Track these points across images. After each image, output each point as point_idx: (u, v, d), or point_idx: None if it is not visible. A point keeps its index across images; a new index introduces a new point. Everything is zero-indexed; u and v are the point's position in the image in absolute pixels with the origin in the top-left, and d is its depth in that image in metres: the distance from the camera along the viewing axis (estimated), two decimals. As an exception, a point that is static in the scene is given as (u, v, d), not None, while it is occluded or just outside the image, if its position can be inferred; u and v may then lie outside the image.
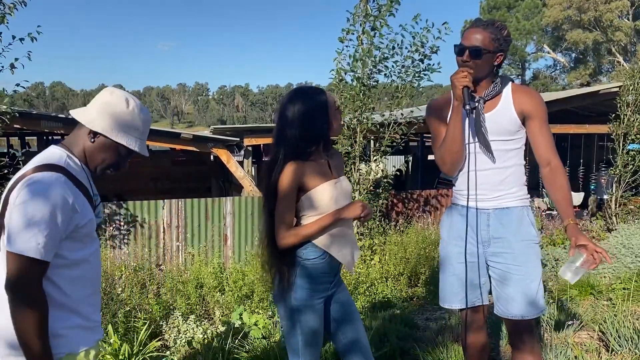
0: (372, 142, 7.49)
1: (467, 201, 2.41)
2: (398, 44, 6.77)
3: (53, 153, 1.72)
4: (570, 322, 3.84)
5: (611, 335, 3.61)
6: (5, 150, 16.77)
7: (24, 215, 1.56)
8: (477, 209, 2.44)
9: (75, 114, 1.77)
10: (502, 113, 2.39)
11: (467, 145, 2.43)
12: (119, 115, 1.76)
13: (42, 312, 1.59)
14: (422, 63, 6.94)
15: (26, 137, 17.11)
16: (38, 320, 1.58)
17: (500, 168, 2.41)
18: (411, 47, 6.83)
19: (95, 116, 1.75)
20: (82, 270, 1.74)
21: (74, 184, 1.68)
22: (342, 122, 2.36)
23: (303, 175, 2.17)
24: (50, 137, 15.49)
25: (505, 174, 2.41)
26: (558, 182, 2.39)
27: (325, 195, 2.21)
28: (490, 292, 2.54)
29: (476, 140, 2.41)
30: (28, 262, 1.56)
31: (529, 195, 2.50)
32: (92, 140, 1.76)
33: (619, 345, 3.53)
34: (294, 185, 2.16)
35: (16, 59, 4.77)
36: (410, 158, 16.44)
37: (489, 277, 2.50)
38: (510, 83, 2.45)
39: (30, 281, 1.58)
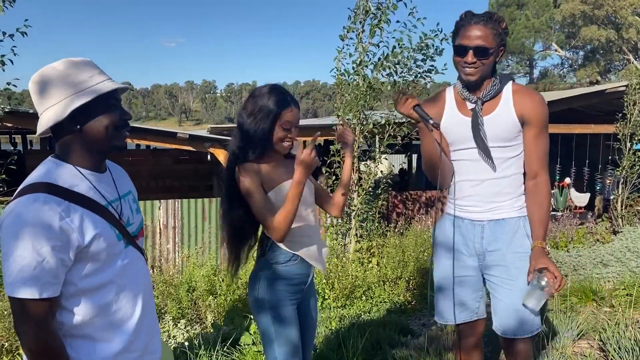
0: (371, 142, 7.34)
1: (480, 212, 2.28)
2: (400, 44, 6.61)
3: (37, 169, 1.48)
4: (568, 333, 3.70)
5: (611, 346, 3.46)
6: (11, 148, 16.83)
7: (5, 255, 1.35)
8: (470, 220, 2.31)
9: (42, 128, 1.49)
10: (502, 116, 2.19)
11: (463, 152, 2.28)
12: (64, 81, 1.45)
13: (52, 355, 1.39)
14: (425, 64, 6.79)
15: (27, 136, 17.07)
16: None
17: (498, 178, 2.24)
18: (416, 47, 6.66)
19: (52, 107, 1.45)
20: (107, 293, 1.49)
21: (65, 197, 1.40)
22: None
23: (258, 174, 2.08)
24: (49, 135, 15.40)
25: (503, 185, 2.25)
26: (539, 198, 2.25)
27: (286, 191, 2.07)
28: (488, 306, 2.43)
29: (473, 146, 2.23)
30: (22, 304, 1.36)
31: (525, 205, 2.31)
32: (77, 127, 1.47)
33: (620, 357, 3.38)
34: (255, 181, 2.05)
35: (2, 56, 4.69)
36: (414, 157, 16.31)
37: (486, 291, 2.38)
38: (510, 82, 2.25)
39: (30, 323, 1.37)
